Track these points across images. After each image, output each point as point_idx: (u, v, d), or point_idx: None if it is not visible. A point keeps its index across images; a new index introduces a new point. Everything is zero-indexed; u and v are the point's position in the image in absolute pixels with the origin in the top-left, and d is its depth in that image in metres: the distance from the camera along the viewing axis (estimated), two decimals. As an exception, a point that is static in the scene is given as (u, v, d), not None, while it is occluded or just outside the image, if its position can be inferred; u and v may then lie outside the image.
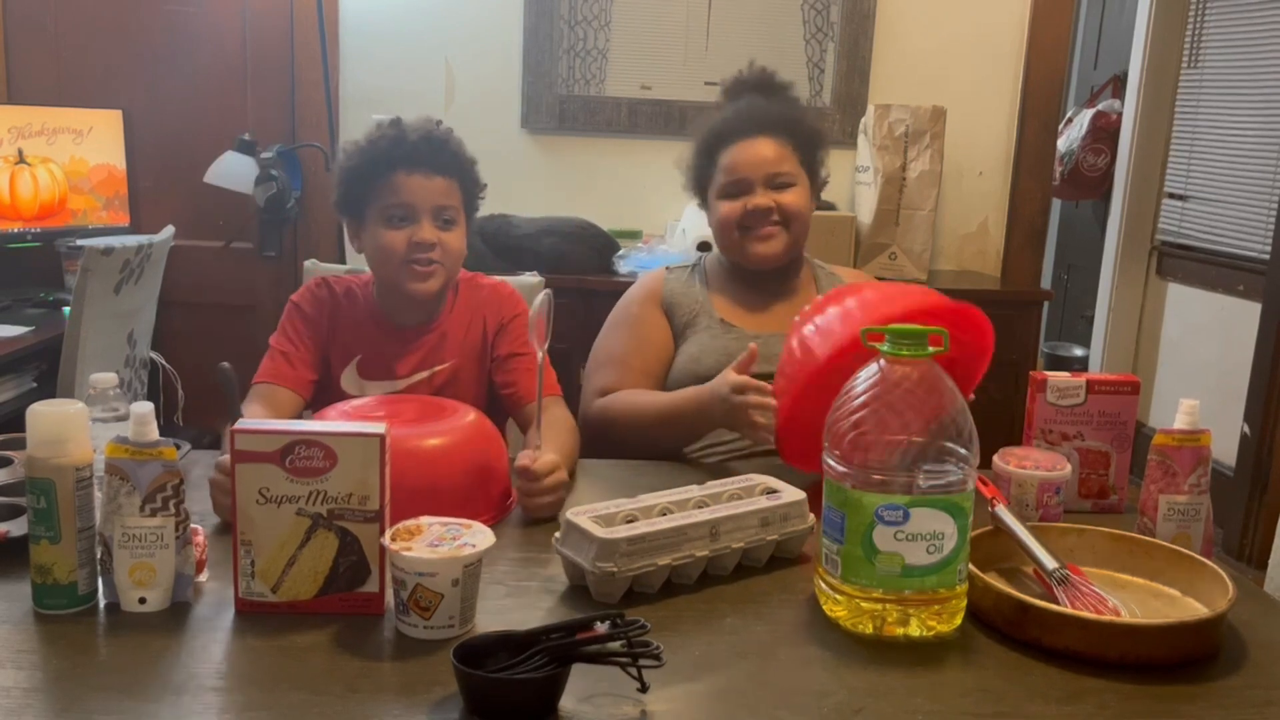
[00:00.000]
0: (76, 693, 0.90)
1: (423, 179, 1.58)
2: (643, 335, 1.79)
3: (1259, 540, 3.18)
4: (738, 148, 1.75)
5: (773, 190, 1.74)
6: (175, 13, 3.11)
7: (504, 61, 3.15)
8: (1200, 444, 1.27)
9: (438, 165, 1.59)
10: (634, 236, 3.06)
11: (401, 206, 1.58)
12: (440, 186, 1.59)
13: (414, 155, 1.58)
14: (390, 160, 1.58)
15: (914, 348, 1.04)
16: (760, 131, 1.76)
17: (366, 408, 1.38)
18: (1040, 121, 3.23)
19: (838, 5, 3.13)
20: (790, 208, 1.74)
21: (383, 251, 1.59)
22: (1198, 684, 0.99)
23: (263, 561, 1.04)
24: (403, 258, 1.58)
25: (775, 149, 1.75)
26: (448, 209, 1.60)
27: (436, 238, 1.58)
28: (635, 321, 1.81)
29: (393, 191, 1.58)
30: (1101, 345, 4.28)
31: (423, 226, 1.57)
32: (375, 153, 1.60)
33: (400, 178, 1.57)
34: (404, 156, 1.58)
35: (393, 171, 1.58)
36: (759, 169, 1.74)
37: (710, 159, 1.79)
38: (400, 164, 1.58)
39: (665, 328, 1.80)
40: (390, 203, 1.58)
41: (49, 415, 1.01)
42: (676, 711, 0.91)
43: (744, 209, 1.74)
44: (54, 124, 2.94)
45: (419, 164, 1.58)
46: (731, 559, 1.18)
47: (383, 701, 0.90)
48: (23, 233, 2.91)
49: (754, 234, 1.75)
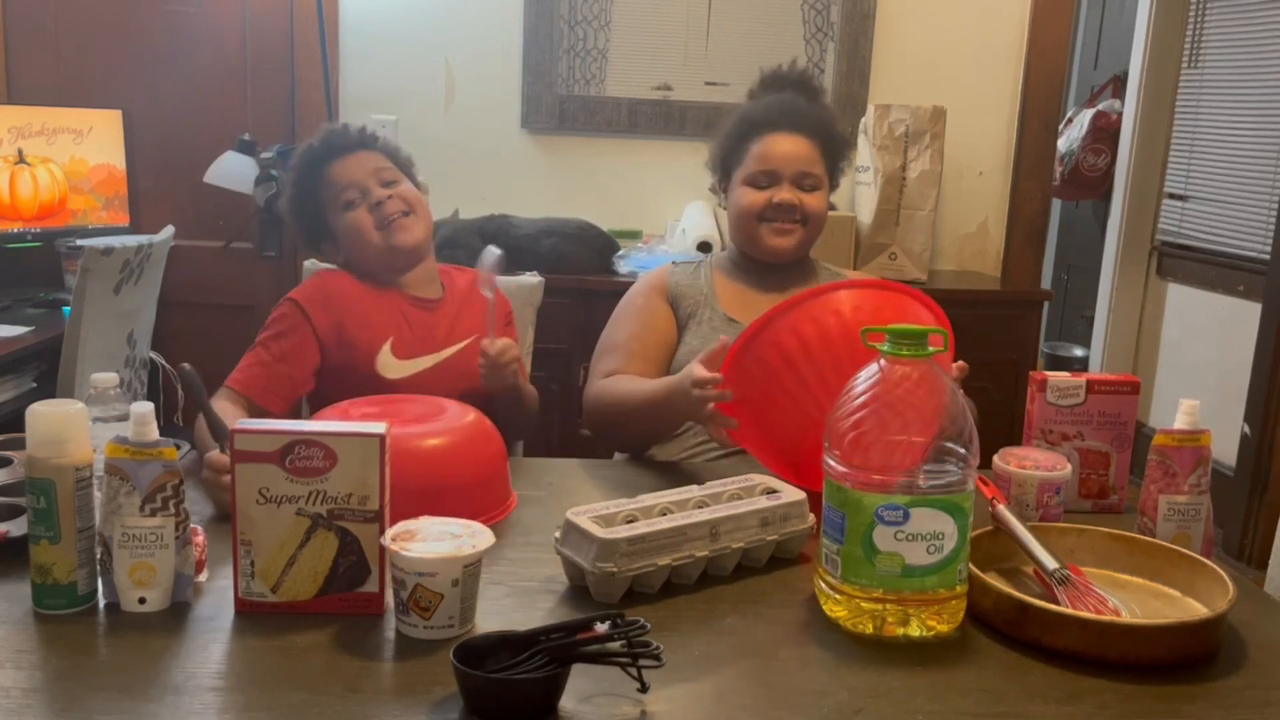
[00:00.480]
0: (76, 693, 0.90)
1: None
2: (647, 324, 1.79)
3: (1259, 540, 3.18)
4: (773, 139, 1.77)
5: (799, 189, 1.76)
6: (175, 13, 3.11)
7: (504, 61, 3.14)
8: (1200, 444, 1.27)
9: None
10: (634, 236, 3.06)
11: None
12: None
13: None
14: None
15: (914, 348, 1.04)
16: (797, 129, 1.78)
17: (366, 408, 1.39)
18: (1040, 121, 3.23)
19: (838, 5, 3.13)
20: (812, 209, 1.77)
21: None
22: (1198, 684, 0.99)
23: (263, 561, 1.04)
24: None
25: (809, 149, 1.77)
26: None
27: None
28: (640, 311, 1.82)
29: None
30: (1101, 345, 4.28)
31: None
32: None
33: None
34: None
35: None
36: (791, 165, 1.76)
37: (742, 143, 1.80)
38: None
39: (670, 318, 1.80)
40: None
41: (49, 415, 1.01)
42: (676, 711, 0.91)
43: (768, 201, 1.75)
44: (54, 124, 2.94)
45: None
46: (731, 559, 1.18)
47: (383, 701, 0.90)
48: (23, 233, 2.91)
49: (773, 226, 1.76)
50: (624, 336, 1.79)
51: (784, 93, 1.84)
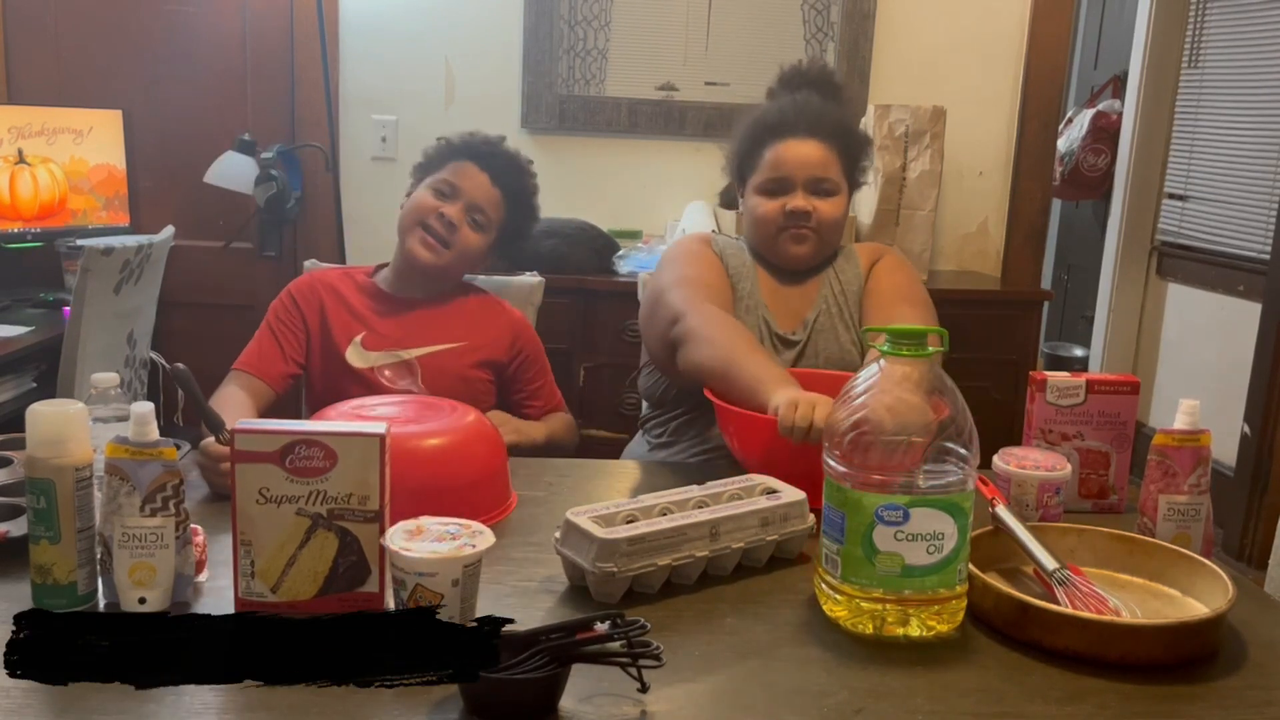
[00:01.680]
0: (76, 693, 0.90)
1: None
2: (705, 263, 1.75)
3: (1259, 540, 3.18)
4: (786, 145, 1.73)
5: (813, 194, 1.72)
6: (175, 13, 3.11)
7: (504, 61, 3.14)
8: (1200, 444, 1.27)
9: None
10: (634, 236, 3.06)
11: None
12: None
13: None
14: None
15: (914, 348, 1.04)
16: (811, 133, 1.73)
17: (366, 408, 1.39)
18: (1040, 122, 3.23)
19: (838, 5, 3.13)
20: (826, 215, 1.72)
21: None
22: (1198, 684, 0.99)
23: (262, 561, 1.04)
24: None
25: (823, 153, 1.72)
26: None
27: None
28: (694, 256, 1.77)
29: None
30: (1101, 345, 4.28)
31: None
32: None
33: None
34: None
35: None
36: (803, 170, 1.71)
37: (756, 149, 1.76)
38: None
39: (721, 269, 1.76)
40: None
41: (49, 415, 1.01)
42: (676, 711, 0.91)
43: (781, 208, 1.72)
44: (54, 124, 2.94)
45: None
46: (731, 559, 1.18)
47: (383, 702, 0.90)
48: (23, 233, 2.91)
49: (788, 233, 1.73)
50: (687, 274, 1.71)
51: (800, 92, 1.80)
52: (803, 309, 1.77)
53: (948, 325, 1.25)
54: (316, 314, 1.77)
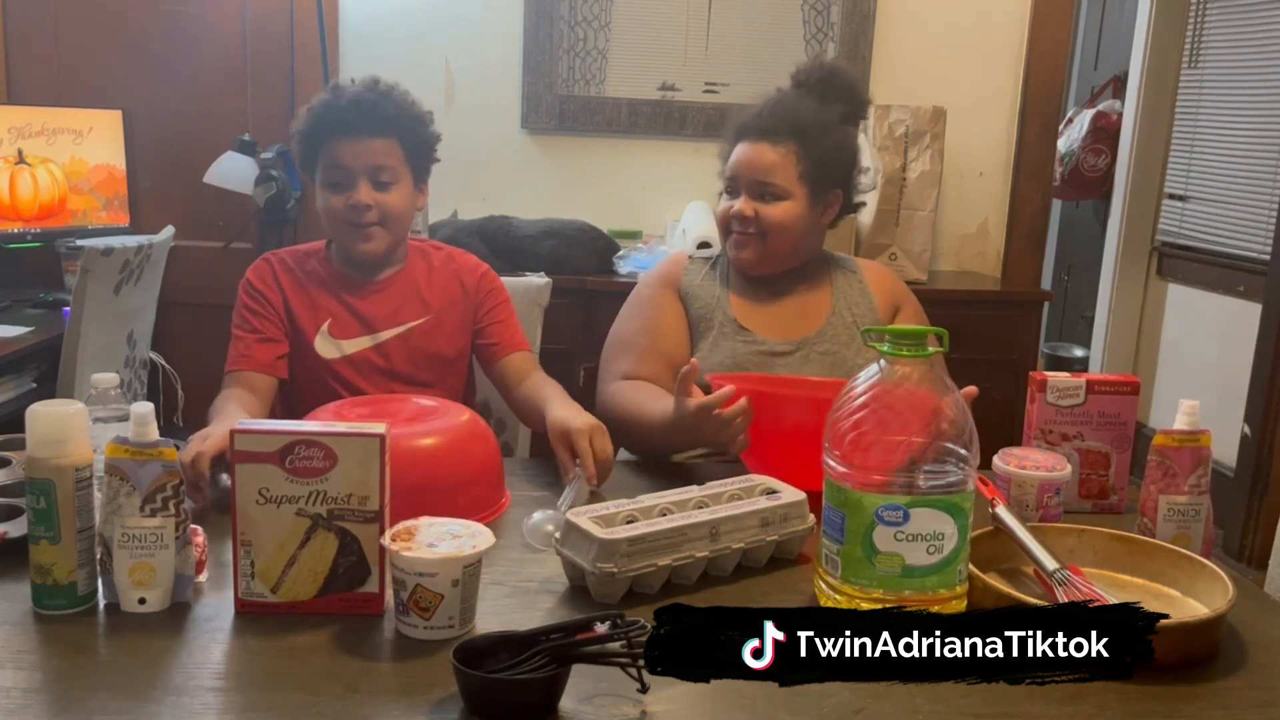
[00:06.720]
0: (76, 693, 0.90)
1: (355, 143, 1.62)
2: (658, 320, 1.75)
3: (1259, 540, 3.18)
4: (741, 147, 1.72)
5: (756, 199, 1.69)
6: (175, 13, 3.11)
7: (504, 61, 3.14)
8: (1200, 444, 1.27)
9: (372, 128, 1.63)
10: (634, 237, 3.06)
11: (337, 170, 1.63)
12: (376, 148, 1.63)
13: (346, 121, 1.63)
14: (327, 126, 1.64)
15: (914, 348, 1.04)
16: (765, 136, 1.69)
17: (362, 408, 1.39)
18: (1040, 122, 3.23)
19: (838, 5, 3.13)
20: (770, 220, 1.68)
21: (325, 215, 1.67)
22: (1198, 684, 0.99)
23: (262, 562, 1.04)
24: (343, 219, 1.64)
25: (775, 157, 1.68)
26: (384, 169, 1.64)
27: (373, 199, 1.63)
28: (650, 304, 1.77)
29: (329, 156, 1.64)
30: (1101, 346, 4.28)
31: (359, 189, 1.62)
32: (314, 119, 1.66)
33: (335, 143, 1.63)
34: (338, 122, 1.63)
35: (330, 137, 1.63)
36: (747, 173, 1.69)
37: (728, 149, 1.76)
38: (335, 130, 1.63)
39: (680, 314, 1.75)
40: (327, 165, 1.64)
41: (49, 415, 1.01)
42: (676, 711, 0.91)
43: (728, 210, 1.72)
44: (54, 124, 2.94)
45: (351, 129, 1.62)
46: (731, 559, 1.18)
47: (383, 702, 0.90)
48: (23, 233, 2.91)
49: (732, 237, 1.72)
50: (634, 334, 1.74)
51: (785, 92, 1.76)
52: (792, 321, 1.75)
53: (948, 325, 1.24)
54: (279, 297, 1.69)
